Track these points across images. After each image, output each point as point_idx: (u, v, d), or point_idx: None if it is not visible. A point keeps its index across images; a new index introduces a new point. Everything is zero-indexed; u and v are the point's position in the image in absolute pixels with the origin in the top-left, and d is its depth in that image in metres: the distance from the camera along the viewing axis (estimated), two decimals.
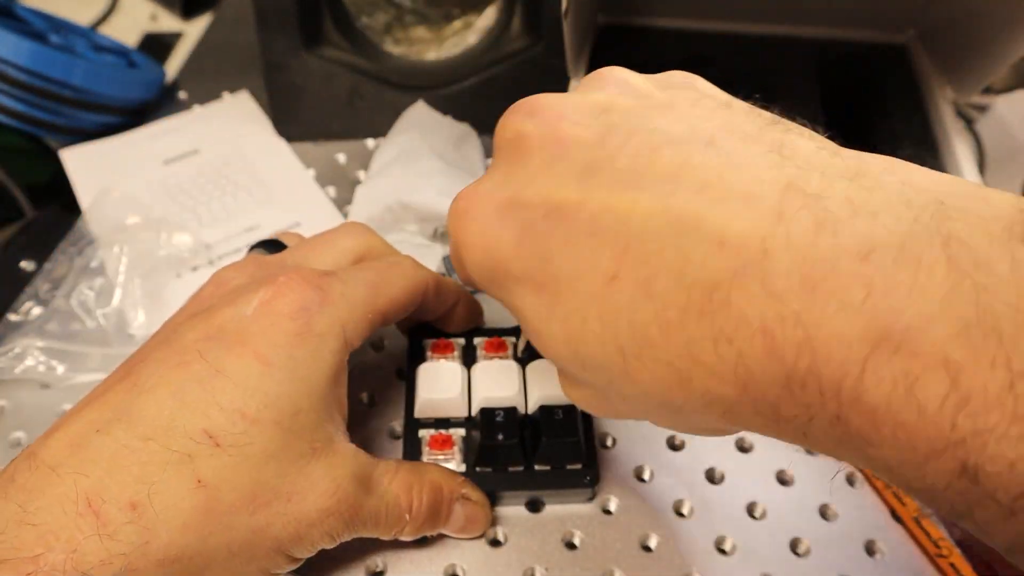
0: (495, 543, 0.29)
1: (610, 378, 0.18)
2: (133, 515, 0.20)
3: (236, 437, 0.21)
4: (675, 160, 0.17)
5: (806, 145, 0.16)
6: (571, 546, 0.28)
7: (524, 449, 0.28)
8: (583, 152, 0.18)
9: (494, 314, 0.37)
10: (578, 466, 0.28)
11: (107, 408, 0.21)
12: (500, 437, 0.27)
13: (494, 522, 0.29)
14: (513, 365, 0.30)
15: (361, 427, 0.32)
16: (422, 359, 0.31)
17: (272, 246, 0.30)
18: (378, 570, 0.28)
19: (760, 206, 0.15)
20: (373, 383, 0.34)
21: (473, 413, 0.29)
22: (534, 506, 0.29)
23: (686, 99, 0.19)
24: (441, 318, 0.31)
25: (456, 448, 0.28)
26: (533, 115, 0.20)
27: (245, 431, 0.21)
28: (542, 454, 0.28)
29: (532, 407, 0.29)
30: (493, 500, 0.29)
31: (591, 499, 0.29)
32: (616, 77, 0.21)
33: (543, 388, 0.29)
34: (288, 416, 0.22)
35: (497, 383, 0.29)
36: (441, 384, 0.29)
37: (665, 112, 0.18)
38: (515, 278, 0.19)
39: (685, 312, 0.15)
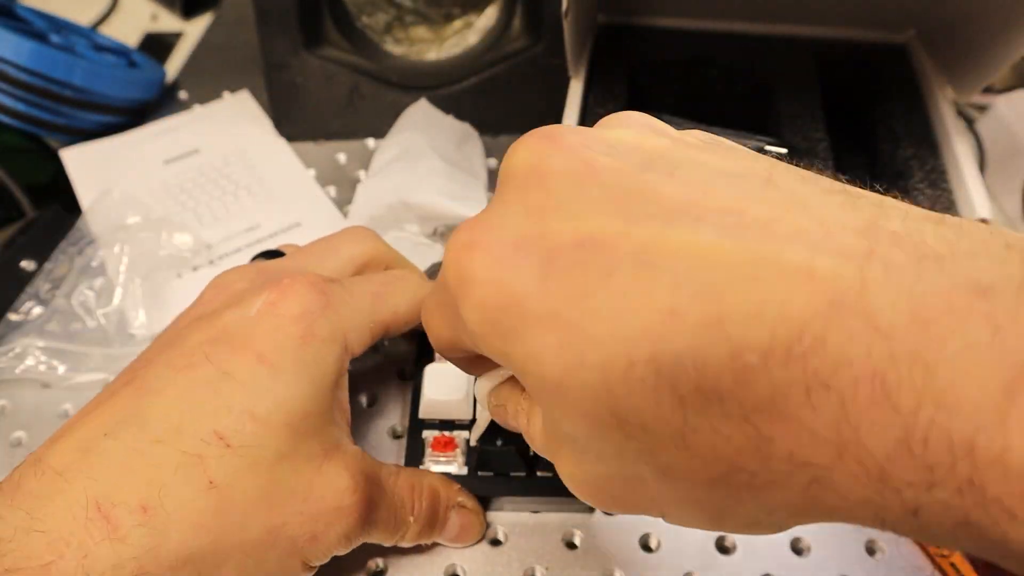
0: (495, 543, 0.29)
1: (654, 445, 0.15)
2: (144, 518, 0.19)
3: (247, 438, 0.21)
4: (733, 193, 0.15)
5: (870, 192, 0.15)
6: (571, 546, 0.28)
7: (525, 455, 0.28)
8: (620, 180, 0.16)
9: None
10: None
11: (115, 412, 0.21)
12: (499, 443, 0.27)
13: (494, 521, 0.29)
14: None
15: (362, 427, 0.32)
16: (430, 359, 0.31)
17: (273, 256, 0.30)
18: (378, 570, 0.28)
19: (844, 239, 0.13)
20: (374, 383, 0.34)
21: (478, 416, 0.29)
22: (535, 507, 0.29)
23: (721, 143, 0.17)
24: None
25: (459, 451, 0.28)
26: (554, 144, 0.17)
27: (255, 432, 0.21)
28: (544, 460, 0.28)
29: None
30: (492, 505, 0.29)
31: (593, 509, 0.29)
32: (640, 119, 0.19)
33: None
34: (298, 418, 0.22)
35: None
36: (447, 385, 0.29)
37: (707, 150, 0.17)
38: (535, 318, 0.15)
39: (769, 355, 0.13)
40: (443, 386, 0.29)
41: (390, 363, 0.34)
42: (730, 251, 0.14)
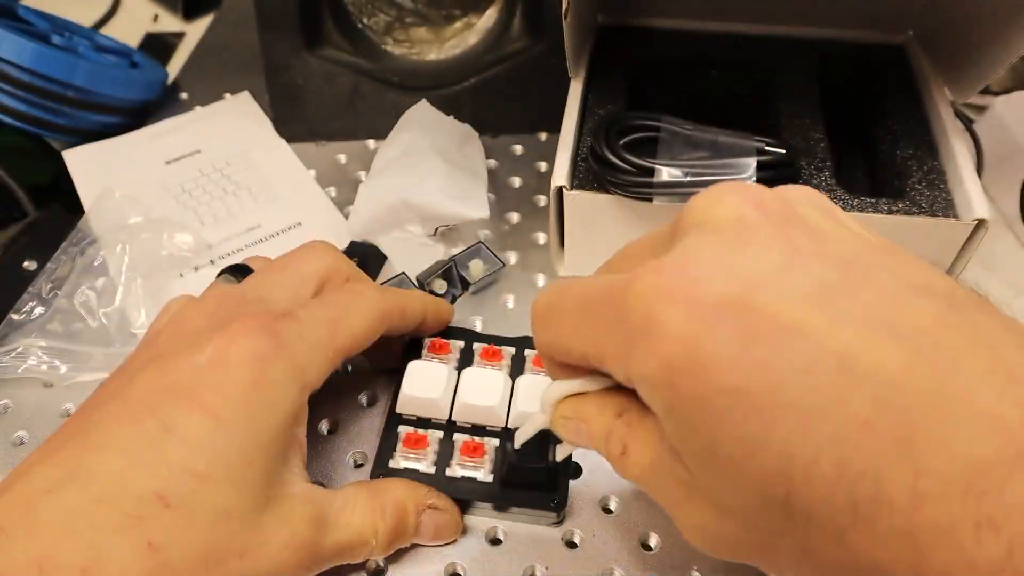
0: (495, 542, 0.29)
1: (812, 532, 0.15)
2: None
3: (185, 497, 0.21)
4: (925, 312, 0.15)
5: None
6: (571, 545, 0.29)
7: (553, 475, 0.27)
8: (824, 272, 0.16)
9: (498, 320, 0.37)
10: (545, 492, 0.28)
11: (58, 467, 0.21)
12: (550, 459, 0.26)
13: (494, 521, 0.29)
14: (502, 376, 0.30)
15: (358, 424, 0.32)
16: (417, 356, 0.31)
17: (239, 272, 0.29)
18: (378, 569, 0.28)
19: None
20: (374, 383, 0.34)
21: (454, 418, 0.29)
22: None
23: (899, 249, 0.18)
24: (414, 333, 0.31)
25: (429, 449, 0.28)
26: (761, 209, 0.18)
27: (194, 490, 0.21)
28: (509, 476, 0.27)
29: (512, 421, 0.29)
30: (464, 508, 0.28)
31: (559, 523, 0.29)
32: (816, 198, 0.19)
33: (528, 404, 0.29)
34: (238, 470, 0.22)
35: (482, 391, 0.29)
36: (427, 383, 0.29)
37: (893, 254, 0.17)
38: (724, 391, 0.16)
39: (948, 486, 0.13)
40: (423, 384, 0.29)
41: (356, 379, 0.34)
42: (924, 376, 0.14)
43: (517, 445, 0.26)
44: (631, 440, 0.20)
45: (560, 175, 0.33)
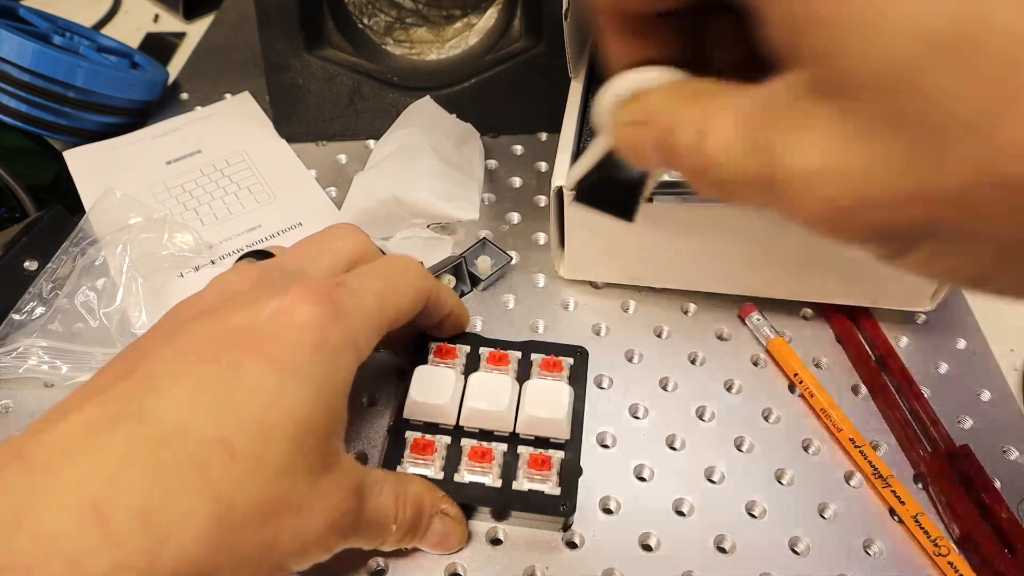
0: (495, 542, 0.29)
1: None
2: (143, 524, 0.18)
3: (251, 447, 0.20)
4: None
5: None
6: (572, 545, 0.29)
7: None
8: None
9: (499, 321, 0.37)
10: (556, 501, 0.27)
11: (112, 405, 0.20)
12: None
13: (494, 521, 0.29)
14: (509, 381, 0.30)
15: (363, 426, 0.32)
16: (424, 361, 0.31)
17: (261, 256, 0.29)
18: (379, 569, 0.28)
19: None
20: (374, 384, 0.34)
21: (462, 423, 0.29)
22: None
23: None
24: (431, 326, 0.31)
25: (437, 455, 0.28)
26: None
27: (261, 441, 0.20)
28: (520, 500, 0.27)
29: (520, 427, 0.29)
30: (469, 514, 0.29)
31: (566, 528, 0.29)
32: None
33: (536, 409, 0.29)
34: (303, 428, 0.21)
35: (490, 396, 0.29)
36: (433, 388, 0.29)
37: None
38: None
39: None
40: (430, 389, 0.29)
41: (392, 362, 0.35)
42: None
43: (569, 186, 0.21)
44: (709, 119, 0.16)
45: (560, 175, 0.33)
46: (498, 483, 0.28)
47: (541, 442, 0.29)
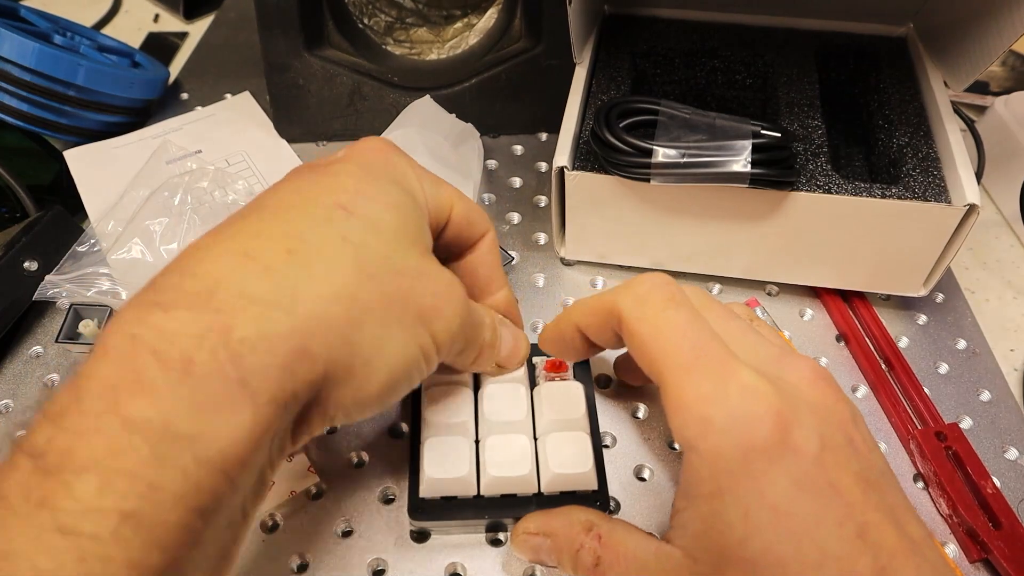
0: (495, 543, 0.29)
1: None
2: (290, 259, 0.20)
3: (367, 211, 0.22)
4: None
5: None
6: None
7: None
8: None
9: None
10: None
11: (235, 216, 0.22)
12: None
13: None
14: (521, 389, 0.29)
15: (363, 427, 0.32)
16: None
17: None
18: (379, 569, 0.28)
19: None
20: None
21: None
22: None
23: None
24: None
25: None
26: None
27: (374, 209, 0.22)
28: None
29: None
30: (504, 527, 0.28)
31: None
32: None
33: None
34: (404, 215, 0.23)
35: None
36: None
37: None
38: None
39: None
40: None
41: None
42: None
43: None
44: (604, 551, 0.24)
45: (562, 156, 0.34)
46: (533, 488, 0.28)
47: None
